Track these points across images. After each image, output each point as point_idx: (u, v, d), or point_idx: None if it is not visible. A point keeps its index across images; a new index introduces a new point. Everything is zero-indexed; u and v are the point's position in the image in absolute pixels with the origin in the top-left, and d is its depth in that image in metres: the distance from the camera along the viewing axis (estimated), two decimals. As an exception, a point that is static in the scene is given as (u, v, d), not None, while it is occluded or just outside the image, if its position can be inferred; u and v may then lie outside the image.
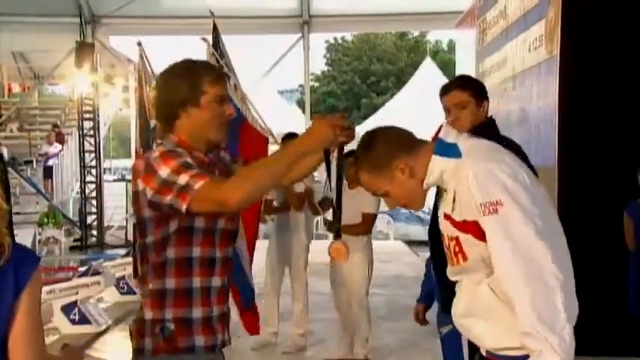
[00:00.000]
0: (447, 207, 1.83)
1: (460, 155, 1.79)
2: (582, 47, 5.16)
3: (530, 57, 5.86)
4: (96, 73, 14.02)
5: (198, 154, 1.96)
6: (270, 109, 11.01)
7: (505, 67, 6.71)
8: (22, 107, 17.92)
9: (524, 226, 1.67)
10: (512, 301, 1.67)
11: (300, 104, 18.13)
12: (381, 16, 15.04)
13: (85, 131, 14.27)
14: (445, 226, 1.85)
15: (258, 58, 18.86)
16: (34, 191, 14.84)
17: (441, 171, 1.81)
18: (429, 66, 20.46)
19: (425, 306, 3.28)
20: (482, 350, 1.86)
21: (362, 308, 4.90)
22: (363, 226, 4.77)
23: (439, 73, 19.19)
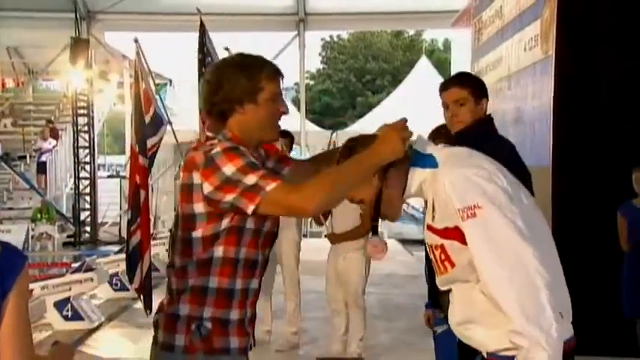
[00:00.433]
0: (428, 217, 1.84)
1: (437, 165, 1.82)
2: (578, 47, 5.16)
3: (526, 57, 5.86)
4: (90, 69, 13.97)
5: (252, 153, 1.91)
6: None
7: (500, 67, 6.71)
8: (15, 102, 17.82)
9: (504, 226, 1.68)
10: (498, 302, 1.68)
11: (295, 102, 18.08)
12: (376, 14, 15.04)
13: (79, 127, 14.22)
14: (429, 237, 1.86)
15: (253, 55, 18.78)
16: (28, 187, 14.79)
17: (419, 182, 1.84)
18: (424, 65, 20.52)
19: (434, 311, 3.24)
20: (484, 352, 1.85)
21: (358, 307, 4.89)
22: (362, 227, 4.72)
23: (435, 72, 19.23)
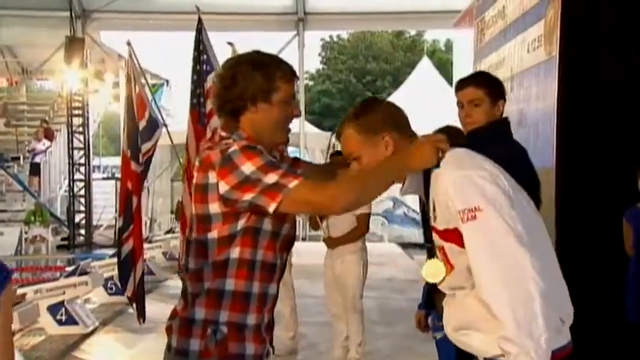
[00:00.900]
0: (431, 218, 1.86)
1: (438, 166, 1.83)
2: (582, 48, 5.10)
3: (529, 58, 5.79)
4: (86, 68, 13.85)
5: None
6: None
7: (503, 68, 6.63)
8: (9, 102, 17.71)
9: (503, 231, 1.69)
10: (491, 307, 1.69)
11: (294, 103, 18.01)
12: (377, 14, 14.98)
13: (73, 128, 14.10)
14: (435, 238, 1.87)
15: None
16: (21, 189, 14.65)
17: (419, 181, 1.85)
18: (426, 66, 20.44)
19: (427, 313, 3.21)
20: (480, 358, 1.85)
21: (355, 311, 4.83)
22: (359, 229, 4.75)
23: (436, 72, 19.18)
